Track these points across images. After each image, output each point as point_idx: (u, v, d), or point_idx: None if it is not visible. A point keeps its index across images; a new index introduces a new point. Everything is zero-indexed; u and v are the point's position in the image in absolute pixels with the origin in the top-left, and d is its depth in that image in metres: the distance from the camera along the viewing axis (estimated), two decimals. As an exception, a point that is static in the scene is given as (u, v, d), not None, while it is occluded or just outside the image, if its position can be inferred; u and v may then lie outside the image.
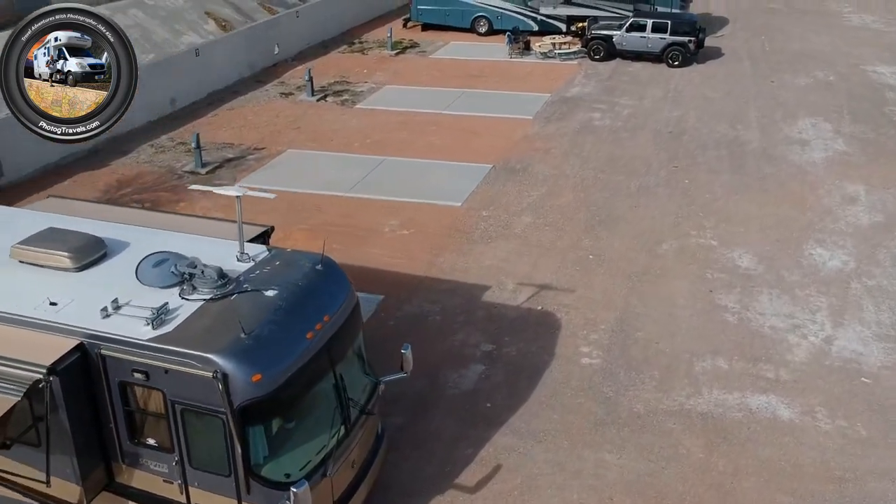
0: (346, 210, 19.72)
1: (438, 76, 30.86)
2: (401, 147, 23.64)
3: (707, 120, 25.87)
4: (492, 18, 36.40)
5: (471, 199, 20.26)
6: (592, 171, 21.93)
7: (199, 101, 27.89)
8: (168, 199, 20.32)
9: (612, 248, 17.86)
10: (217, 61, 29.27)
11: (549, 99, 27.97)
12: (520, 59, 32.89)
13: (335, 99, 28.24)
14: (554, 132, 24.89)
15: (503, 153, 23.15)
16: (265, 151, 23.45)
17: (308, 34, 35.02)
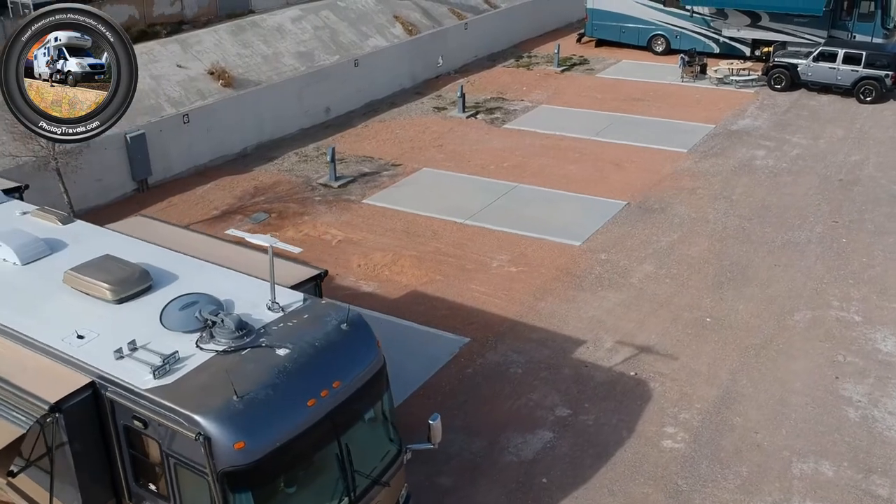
0: (461, 238, 19.21)
1: (599, 97, 29.58)
2: (536, 174, 22.78)
3: (888, 168, 22.93)
4: (670, 38, 34.45)
5: (593, 238, 19.10)
6: (738, 219, 20.01)
7: (355, 110, 28.42)
8: (294, 210, 20.75)
9: (734, 312, 16.13)
10: (379, 71, 29.70)
11: (712, 131, 25.96)
12: (692, 84, 30.85)
13: (486, 116, 27.78)
14: (707, 169, 23.02)
15: (643, 189, 21.69)
16: (401, 168, 23.41)
17: (475, 46, 34.82)
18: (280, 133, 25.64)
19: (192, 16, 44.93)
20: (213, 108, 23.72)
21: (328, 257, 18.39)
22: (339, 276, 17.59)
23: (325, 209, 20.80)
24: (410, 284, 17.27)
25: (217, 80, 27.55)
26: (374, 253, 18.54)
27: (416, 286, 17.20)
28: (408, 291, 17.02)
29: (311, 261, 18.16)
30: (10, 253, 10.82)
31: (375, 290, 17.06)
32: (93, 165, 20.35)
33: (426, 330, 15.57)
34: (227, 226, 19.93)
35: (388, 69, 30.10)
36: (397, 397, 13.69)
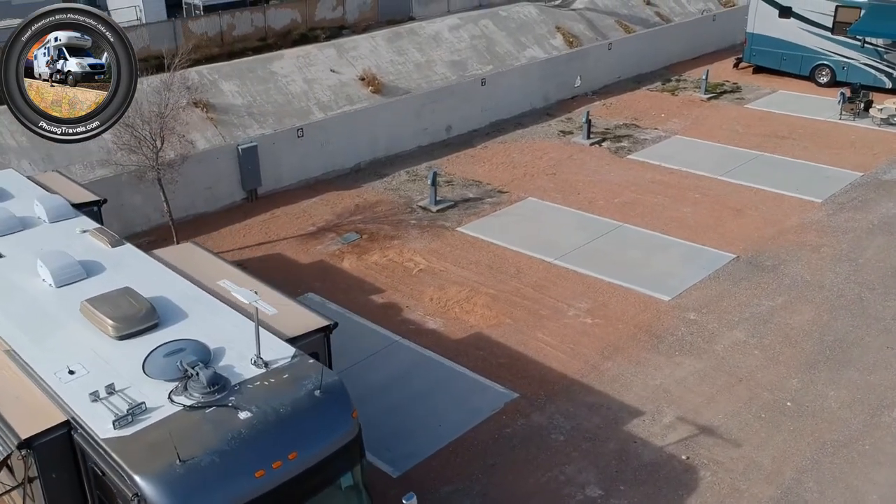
0: (543, 279, 18.42)
1: (740, 131, 27.53)
2: (645, 214, 21.48)
3: None
4: (836, 69, 31.50)
5: (686, 294, 17.71)
6: (858, 287, 17.90)
7: (478, 129, 28.09)
8: (386, 232, 20.71)
9: (822, 399, 14.39)
10: (507, 90, 29.19)
11: (859, 179, 23.45)
12: (850, 122, 28.05)
13: (611, 145, 26.58)
14: (839, 224, 20.79)
15: (759, 242, 19.90)
16: (506, 196, 22.83)
17: (621, 66, 33.49)
18: (396, 149, 25.73)
19: (353, 21, 46.28)
20: (327, 123, 24.07)
21: (404, 286, 18.20)
22: (408, 309, 17.34)
23: (416, 234, 20.62)
24: (477, 325, 16.73)
25: (367, 87, 28.14)
26: (451, 287, 18.14)
27: (482, 328, 16.65)
28: (472, 333, 16.50)
29: (387, 289, 18.19)
30: (48, 274, 11.35)
31: (440, 328, 16.66)
32: (204, 174, 21.30)
33: (476, 378, 15.00)
34: (319, 243, 20.26)
35: (518, 88, 29.53)
36: (428, 448, 13.37)
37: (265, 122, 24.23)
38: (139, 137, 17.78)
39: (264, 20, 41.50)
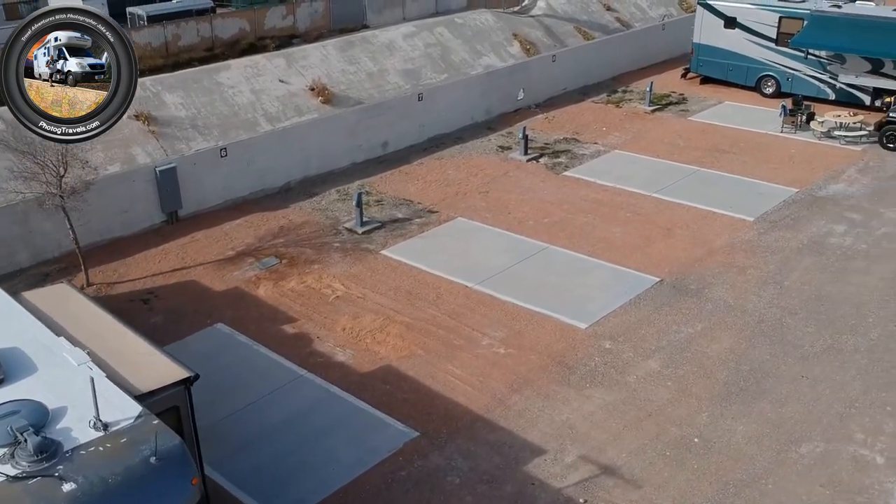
0: (462, 305, 17.96)
1: (681, 145, 27.23)
2: (574, 234, 21.09)
3: None
4: (781, 80, 31.30)
5: (604, 321, 17.32)
6: (780, 312, 17.59)
7: (416, 145, 27.58)
8: (307, 257, 20.18)
9: (730, 434, 14.03)
10: (446, 104, 28.69)
11: (794, 196, 23.19)
12: (791, 136, 27.82)
13: (549, 160, 26.18)
14: (768, 244, 20.49)
15: (686, 264, 19.56)
16: (436, 216, 22.35)
17: (565, 78, 33.13)
18: (329, 167, 25.17)
19: (305, 29, 45.59)
20: (254, 142, 23.48)
21: (318, 315, 17.69)
22: (319, 340, 16.83)
23: (338, 258, 20.10)
24: (388, 357, 16.24)
25: (317, 97, 27.61)
26: (366, 315, 17.64)
27: (392, 360, 16.16)
28: (382, 365, 16.01)
29: (300, 318, 17.66)
30: None
31: (349, 360, 16.16)
32: (121, 197, 20.68)
33: (377, 416, 14.51)
34: (237, 269, 19.71)
35: (458, 102, 29.05)
36: (317, 494, 12.85)
37: (210, 135, 23.66)
38: (41, 164, 17.16)
39: (211, 30, 40.79)
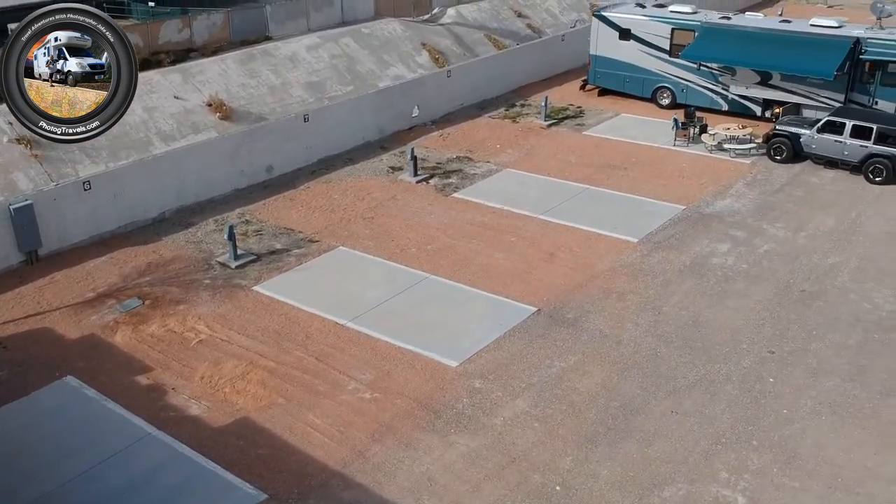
0: (331, 345, 17.18)
1: (573, 161, 26.93)
2: (456, 262, 20.51)
3: (867, 278, 19.63)
4: (676, 91, 31.35)
5: (476, 358, 16.75)
6: (655, 341, 17.28)
7: (303, 168, 26.68)
8: (173, 296, 19.14)
9: (593, 479, 13.57)
10: (335, 124, 27.83)
11: (680, 214, 23.03)
12: (683, 149, 27.79)
13: (439, 181, 25.57)
14: (651, 267, 20.23)
15: (565, 291, 19.14)
16: (316, 246, 21.53)
17: (463, 93, 32.60)
18: (208, 194, 24.09)
19: (203, 43, 44.03)
20: (121, 172, 22.28)
21: (176, 363, 16.70)
22: (174, 391, 15.86)
23: (207, 297, 19.11)
24: (246, 408, 15.37)
25: (214, 113, 26.70)
26: (228, 361, 16.72)
27: (250, 411, 15.29)
28: (239, 418, 15.13)
29: (157, 367, 16.64)
30: None
31: (203, 414, 15.23)
32: (-29, 238, 19.36)
33: (225, 478, 13.63)
34: (95, 312, 18.56)
35: (348, 121, 28.21)
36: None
37: (98, 157, 22.56)
38: None
39: (100, 46, 39.19)
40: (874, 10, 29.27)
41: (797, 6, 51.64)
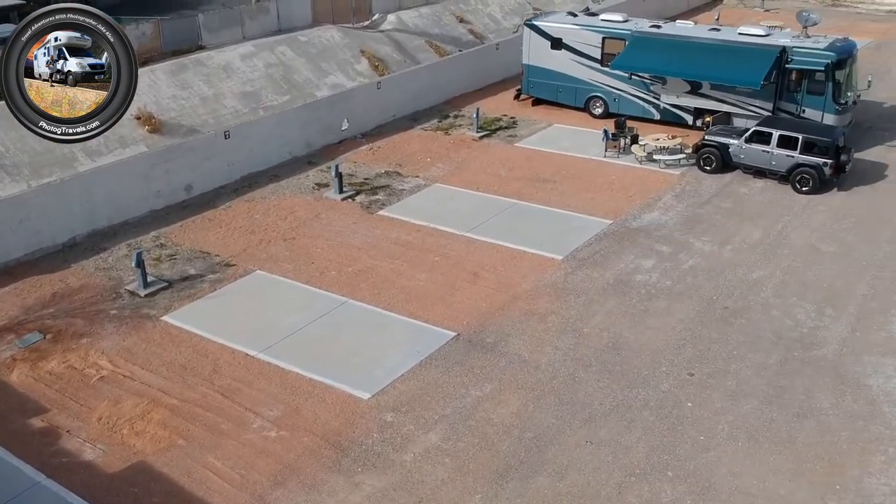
0: (240, 379, 16.49)
1: (503, 175, 26.50)
2: (377, 284, 19.93)
3: (790, 293, 19.49)
4: (608, 100, 31.12)
5: (390, 389, 16.20)
6: (574, 365, 16.89)
7: (226, 186, 25.84)
8: (77, 329, 18.25)
9: (503, 519, 13.12)
10: (263, 139, 27.03)
11: (607, 228, 22.73)
12: (614, 160, 27.53)
13: (365, 198, 24.95)
14: (574, 286, 19.87)
15: (486, 314, 18.68)
16: (231, 270, 20.77)
17: (395, 105, 31.99)
18: (122, 217, 23.14)
19: (132, 53, 42.88)
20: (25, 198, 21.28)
21: (74, 403, 15.87)
22: (68, 435, 15.04)
23: (112, 329, 18.26)
24: (144, 451, 14.61)
25: (143, 126, 25.84)
26: (129, 399, 15.93)
27: (149, 454, 14.54)
28: (134, 463, 14.36)
29: (53, 407, 15.80)
30: None
31: (98, 459, 14.44)
32: None
33: (114, 531, 12.92)
34: (-8, 348, 17.61)
35: (274, 136, 27.41)
36: None
37: (19, 175, 21.58)
38: None
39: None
40: (800, 18, 29.29)
41: (735, 10, 52.11)
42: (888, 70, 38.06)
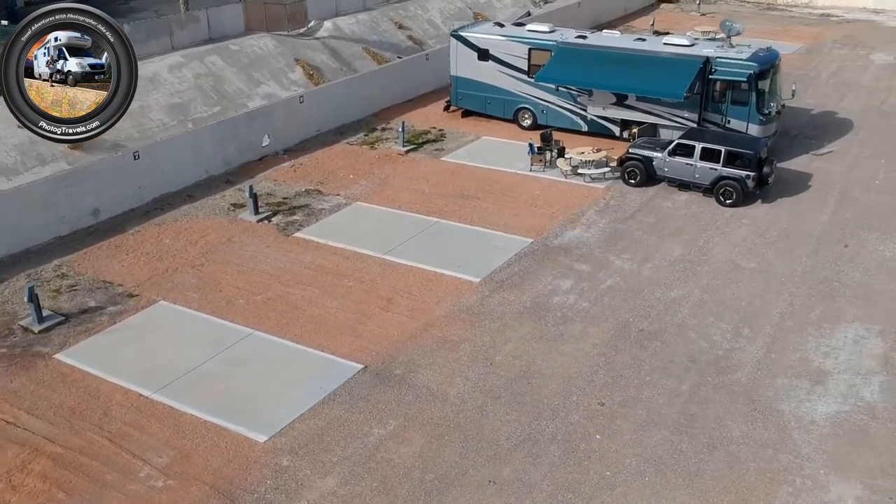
0: (130, 423, 15.61)
1: (427, 192, 25.90)
2: (286, 313, 19.19)
3: (707, 312, 19.19)
4: (536, 112, 30.72)
5: (289, 430, 15.46)
6: (482, 397, 16.34)
7: (137, 208, 24.80)
8: (-40, 372, 17.23)
9: (396, 571, 12.50)
10: (177, 158, 26.05)
11: (527, 248, 22.25)
12: (540, 174, 27.08)
13: (282, 219, 24.15)
14: (490, 310, 19.34)
15: (397, 343, 18.06)
16: (134, 302, 19.83)
17: (320, 118, 31.18)
18: (23, 245, 22.03)
19: (52, 67, 41.41)
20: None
21: (-53, 455, 14.87)
22: (-63, 491, 14.06)
23: (1, 369, 17.25)
24: (18, 507, 13.73)
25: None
26: (8, 448, 14.97)
27: (24, 510, 13.67)
28: (7, 520, 13.49)
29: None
30: None
31: (-33, 518, 13.54)
32: None
33: None
34: None
35: (188, 155, 26.40)
36: None
37: None
38: None
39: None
40: (723, 27, 29.20)
41: (672, 14, 52.24)
42: (817, 75, 38.36)
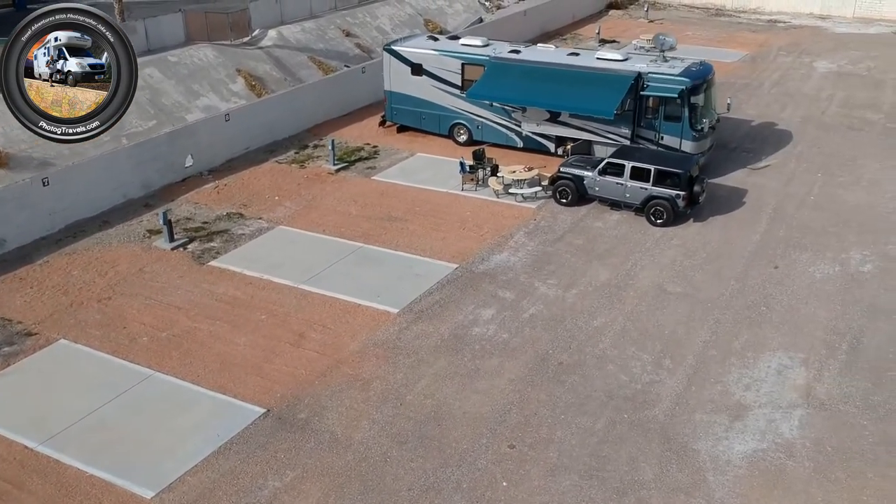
0: (8, 482, 14.65)
1: (354, 214, 25.09)
2: (191, 351, 18.30)
3: (629, 342, 18.63)
4: (471, 128, 30.05)
5: (177, 485, 14.58)
6: (388, 442, 15.59)
7: (47, 237, 23.70)
8: None
9: None
10: (90, 182, 24.96)
11: (451, 274, 21.55)
12: (471, 194, 26.41)
13: (199, 246, 23.21)
14: (406, 344, 18.61)
15: (304, 384, 17.25)
16: (33, 341, 18.82)
17: (248, 136, 30.23)
18: (-81, 280, 20.96)
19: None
20: None
21: None
22: None
23: None
24: None
25: None
26: None
27: None
28: None
29: None
30: None
31: None
32: None
33: None
34: None
35: (103, 179, 25.28)
36: None
37: None
38: None
39: None
40: (656, 42, 28.75)
41: (620, 21, 51.93)
42: (760, 84, 38.14)
